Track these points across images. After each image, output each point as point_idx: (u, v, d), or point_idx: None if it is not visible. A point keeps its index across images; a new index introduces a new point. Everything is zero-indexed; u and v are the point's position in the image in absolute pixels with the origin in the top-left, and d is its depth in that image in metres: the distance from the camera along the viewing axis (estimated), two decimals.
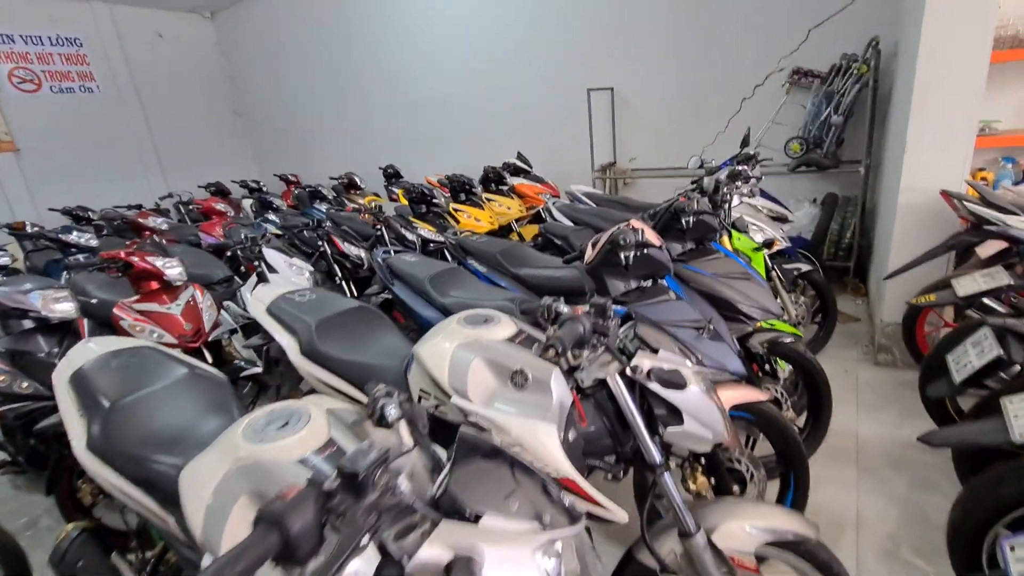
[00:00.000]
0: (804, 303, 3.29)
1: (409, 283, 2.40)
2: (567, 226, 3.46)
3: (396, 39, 7.00)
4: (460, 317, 1.48)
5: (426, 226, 4.12)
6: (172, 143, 8.54)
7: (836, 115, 4.01)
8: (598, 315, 1.14)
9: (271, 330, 1.85)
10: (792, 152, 4.24)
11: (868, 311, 3.91)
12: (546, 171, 5.94)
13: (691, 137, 5.24)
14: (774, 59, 4.63)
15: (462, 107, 6.76)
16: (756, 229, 3.03)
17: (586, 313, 1.10)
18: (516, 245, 2.84)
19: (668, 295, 1.77)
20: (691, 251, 2.20)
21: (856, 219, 4.09)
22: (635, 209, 4.01)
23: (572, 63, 5.72)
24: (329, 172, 7.35)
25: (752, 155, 3.38)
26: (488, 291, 2.32)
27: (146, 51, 8.13)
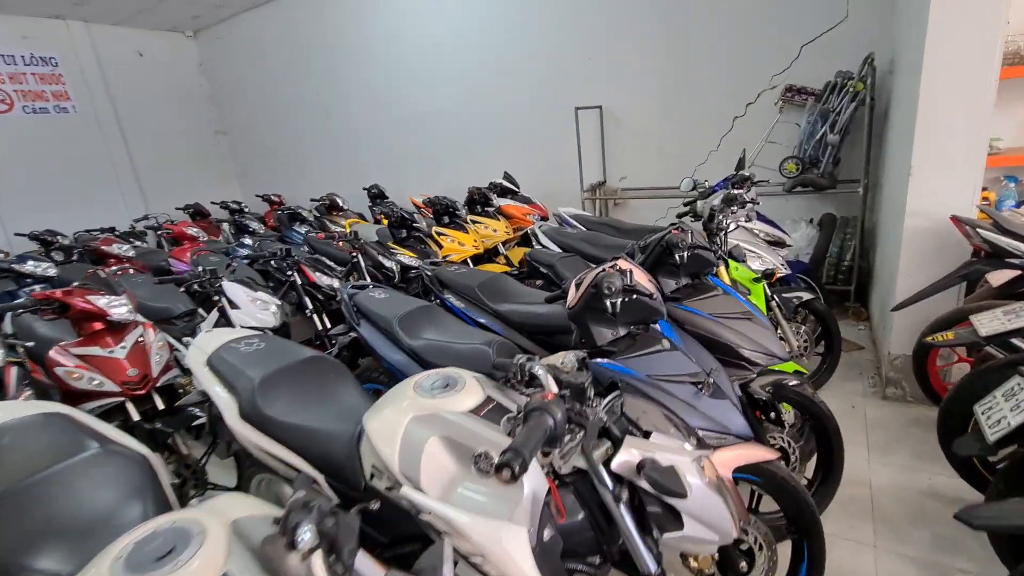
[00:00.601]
0: (805, 333, 3.09)
1: (377, 323, 2.18)
2: (553, 252, 3.26)
3: (381, 57, 6.85)
4: (417, 381, 1.26)
5: (406, 252, 3.91)
6: (152, 164, 8.30)
7: (832, 134, 3.86)
8: (575, 397, 0.92)
9: (208, 387, 1.62)
10: (787, 172, 4.08)
11: (871, 337, 3.72)
12: (534, 191, 5.76)
13: (682, 156, 5.09)
14: (766, 77, 4.50)
15: (448, 126, 6.60)
16: (754, 256, 2.84)
17: (559, 397, 0.88)
18: (496, 277, 2.63)
19: (662, 344, 1.55)
20: (686, 287, 2.00)
21: (856, 241, 3.92)
22: (626, 232, 3.82)
23: (560, 81, 5.58)
24: (315, 192, 7.14)
25: (747, 176, 3.21)
26: (462, 332, 2.10)
27: (125, 70, 7.93)
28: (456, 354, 1.94)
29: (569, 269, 3.07)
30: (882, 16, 3.95)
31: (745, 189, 3.27)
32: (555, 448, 0.85)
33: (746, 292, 2.54)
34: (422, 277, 4.03)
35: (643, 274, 1.55)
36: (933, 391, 2.67)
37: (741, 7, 4.49)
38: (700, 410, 1.45)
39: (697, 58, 4.80)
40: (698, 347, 1.66)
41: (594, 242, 3.50)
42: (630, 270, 1.48)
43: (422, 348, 2.00)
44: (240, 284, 2.84)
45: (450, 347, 1.97)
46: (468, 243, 4.41)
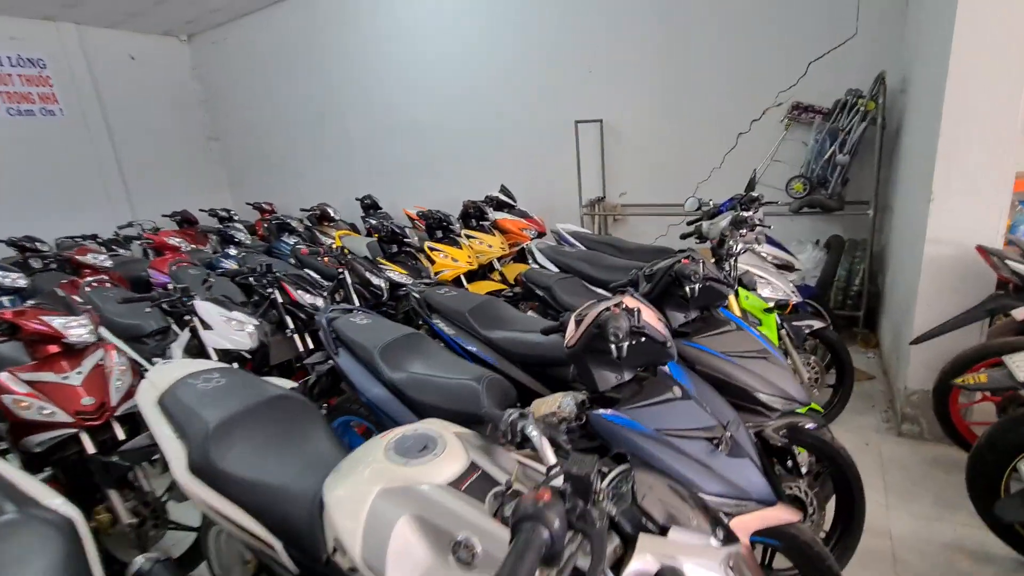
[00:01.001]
0: (816, 363, 2.92)
1: (356, 352, 1.99)
2: (550, 273, 3.08)
3: (377, 66, 6.72)
4: (389, 441, 1.07)
5: (396, 268, 3.74)
6: (141, 169, 8.11)
7: (842, 153, 3.72)
8: (577, 492, 0.73)
9: (155, 432, 1.43)
10: (794, 192, 3.94)
11: (882, 366, 3.55)
12: (532, 205, 5.61)
13: (684, 172, 4.95)
14: (771, 93, 4.37)
15: (445, 136, 6.45)
16: (764, 283, 2.67)
17: (556, 495, 0.69)
18: (489, 301, 2.45)
19: (672, 391, 1.37)
20: (695, 321, 1.82)
21: (865, 264, 3.77)
22: (627, 252, 3.66)
23: (560, 93, 5.45)
24: (308, 200, 6.97)
25: (756, 197, 3.06)
26: (450, 364, 1.91)
27: (116, 74, 7.76)
28: (441, 390, 1.76)
29: (567, 292, 2.90)
30: (893, 33, 3.83)
31: (754, 210, 3.11)
32: (553, 567, 0.67)
33: (757, 323, 2.37)
34: None
35: (652, 313, 1.37)
36: (954, 430, 2.49)
37: (747, 22, 4.38)
38: (716, 471, 1.26)
39: (700, 73, 4.67)
40: (712, 393, 1.48)
41: (594, 262, 3.33)
42: (637, 309, 1.30)
43: (404, 382, 1.81)
44: (214, 303, 2.64)
45: (435, 382, 1.78)
46: (462, 259, 4.23)
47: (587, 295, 2.91)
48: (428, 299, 2.49)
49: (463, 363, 1.92)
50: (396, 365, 1.87)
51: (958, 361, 2.36)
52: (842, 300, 3.89)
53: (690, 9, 4.59)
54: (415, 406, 1.78)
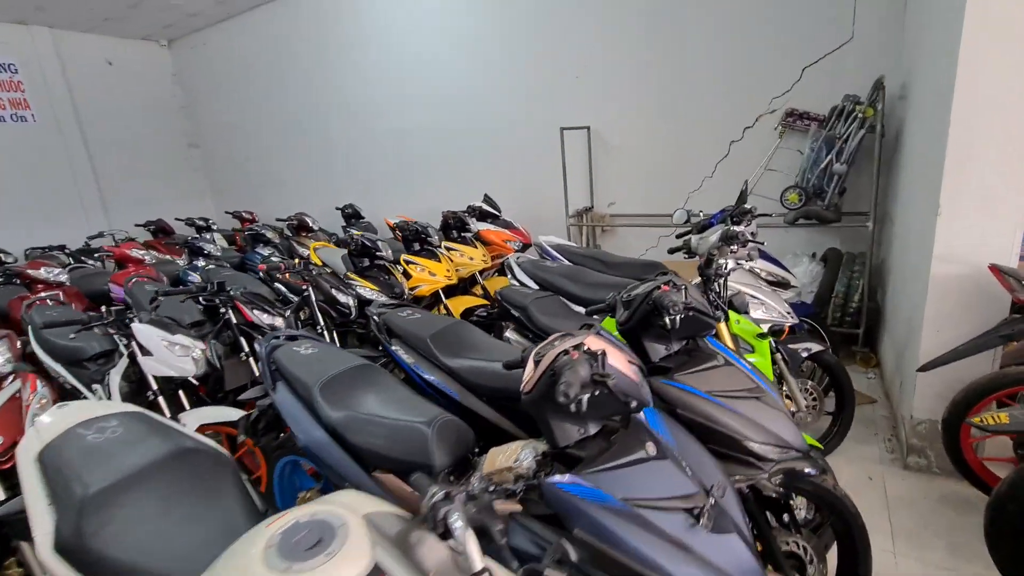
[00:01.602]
0: (813, 389, 2.70)
1: (295, 387, 1.75)
2: (527, 291, 2.86)
3: (360, 71, 6.52)
4: (272, 536, 0.83)
5: (367, 284, 3.51)
6: (118, 177, 7.86)
7: (839, 163, 3.52)
8: None
9: (27, 496, 1.19)
10: (789, 202, 3.74)
11: (884, 388, 3.34)
12: (518, 216, 5.39)
13: (675, 182, 4.75)
14: (765, 100, 4.18)
15: (429, 144, 6.24)
16: (757, 304, 2.46)
17: None
18: (455, 326, 2.22)
19: (644, 448, 1.14)
20: (678, 354, 1.60)
21: (864, 280, 3.56)
22: (614, 267, 3.44)
23: (546, 99, 5.25)
24: (291, 209, 6.74)
25: (748, 210, 2.85)
26: (402, 400, 1.68)
27: (92, 79, 7.53)
28: (385, 434, 1.53)
29: (544, 312, 2.68)
30: (892, 37, 3.65)
31: (745, 224, 2.91)
32: None
33: (749, 350, 2.15)
34: None
35: (621, 356, 1.15)
36: (966, 466, 2.27)
37: (739, 26, 4.20)
38: (696, 551, 1.03)
39: (692, 78, 4.49)
40: (696, 447, 1.25)
41: (576, 278, 3.11)
42: (602, 352, 1.08)
43: (344, 423, 1.58)
44: (156, 325, 2.40)
45: (377, 423, 1.55)
46: (440, 273, 4.00)
47: (566, 315, 2.69)
48: (389, 322, 2.26)
49: (418, 400, 1.69)
50: (337, 402, 1.64)
51: (971, 391, 2.15)
52: (840, 317, 3.68)
53: (682, 13, 4.41)
54: (356, 452, 1.55)
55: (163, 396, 2.41)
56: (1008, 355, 2.38)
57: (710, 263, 2.00)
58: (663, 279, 1.56)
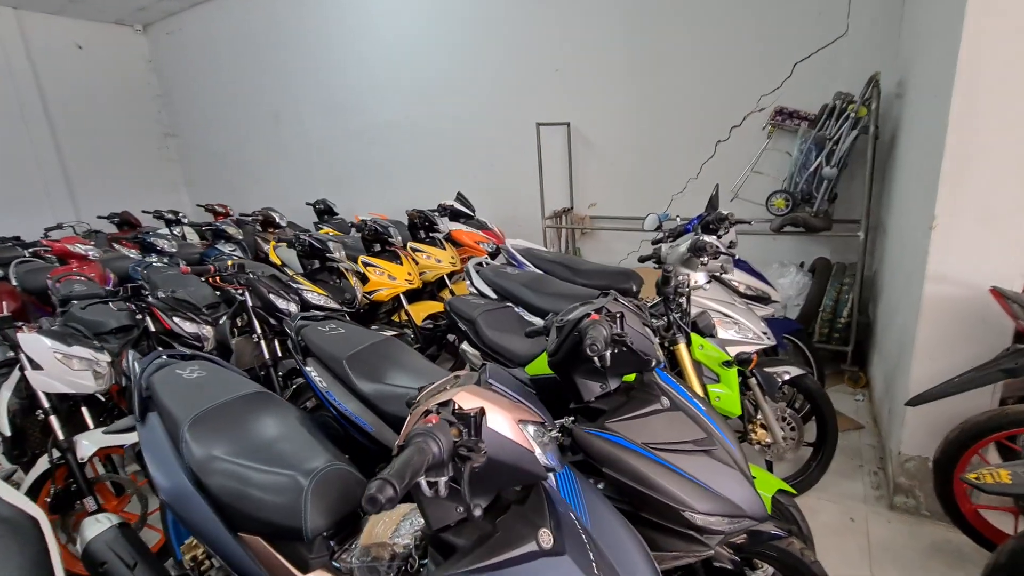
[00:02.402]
0: (791, 418, 2.42)
1: (166, 422, 1.48)
2: (478, 302, 2.58)
3: (335, 61, 6.23)
4: None
5: (315, 288, 3.23)
6: (87, 167, 7.57)
7: (829, 166, 3.25)
8: None
9: None
10: (775, 208, 3.46)
11: (873, 412, 3.08)
12: (494, 216, 5.12)
13: (659, 183, 4.48)
14: (753, 97, 3.91)
15: (405, 139, 5.96)
16: (729, 324, 2.19)
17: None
18: (382, 344, 1.95)
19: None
20: (616, 392, 1.33)
21: (855, 293, 3.30)
22: (583, 274, 3.17)
23: (524, 93, 4.97)
24: (268, 203, 6.45)
25: (724, 216, 2.58)
26: (284, 444, 1.40)
27: (61, 63, 7.23)
28: (253, 486, 1.26)
29: (494, 325, 2.40)
30: (888, 31, 3.38)
31: (722, 231, 2.64)
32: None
33: (714, 379, 1.88)
34: None
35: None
36: (958, 512, 2.01)
37: (728, 19, 3.92)
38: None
39: (677, 73, 4.21)
40: (618, 530, 0.99)
41: (538, 287, 2.84)
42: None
43: (205, 468, 1.30)
44: (50, 335, 2.13)
45: (243, 473, 1.28)
46: (400, 276, 3.73)
47: (518, 329, 2.41)
48: (307, 338, 1.99)
49: (308, 442, 1.41)
50: (205, 441, 1.36)
51: (966, 430, 1.88)
52: (828, 333, 3.41)
53: (667, 4, 4.13)
54: (220, 506, 1.28)
55: (58, 415, 2.13)
56: (1009, 387, 2.12)
57: (668, 280, 1.72)
58: (597, 303, 1.29)
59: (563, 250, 4.93)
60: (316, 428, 1.52)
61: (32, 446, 2.26)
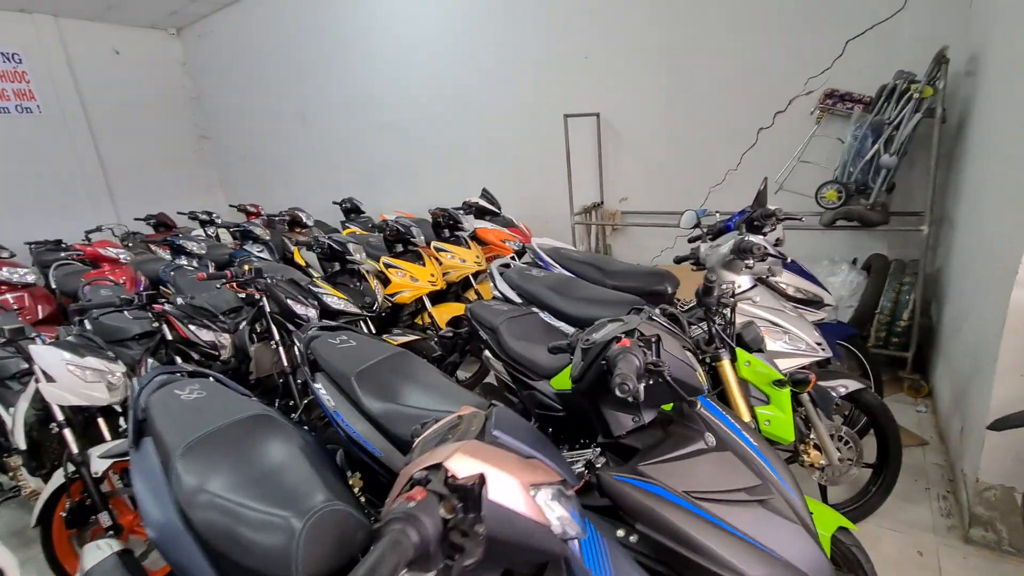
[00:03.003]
0: (848, 437, 2.18)
1: (159, 449, 1.37)
2: (501, 307, 2.43)
3: (362, 59, 6.14)
4: None
5: (334, 292, 3.13)
6: (126, 170, 7.76)
7: (887, 153, 2.94)
8: None
9: None
10: (826, 201, 3.17)
11: (938, 426, 2.78)
12: (522, 213, 4.95)
13: (695, 175, 4.21)
14: (800, 79, 3.60)
15: (431, 137, 5.83)
16: (778, 333, 1.96)
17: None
18: (394, 358, 1.81)
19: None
20: (651, 426, 1.14)
21: (916, 293, 2.99)
22: (614, 275, 2.97)
23: (551, 84, 4.76)
24: (299, 203, 6.47)
25: (771, 212, 2.33)
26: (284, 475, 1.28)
27: (99, 69, 7.41)
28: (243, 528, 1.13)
29: (517, 333, 2.24)
30: (955, 2, 3.03)
31: (768, 228, 2.40)
32: None
33: (763, 400, 1.67)
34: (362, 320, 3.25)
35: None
36: None
37: None
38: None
39: (714, 56, 3.93)
40: None
41: (565, 291, 2.66)
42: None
43: (192, 502, 1.19)
44: (63, 346, 2.09)
45: (234, 511, 1.16)
46: (423, 278, 3.61)
47: (544, 338, 2.24)
48: (316, 351, 1.87)
49: (309, 476, 1.28)
50: (200, 473, 1.25)
51: None
52: (885, 337, 3.12)
53: None
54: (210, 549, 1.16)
55: (72, 427, 2.08)
56: None
57: (710, 290, 1.52)
58: (629, 323, 1.10)
59: (593, 247, 4.72)
60: (320, 455, 1.39)
61: (50, 458, 2.23)
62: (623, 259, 4.82)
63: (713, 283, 1.51)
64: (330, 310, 3.07)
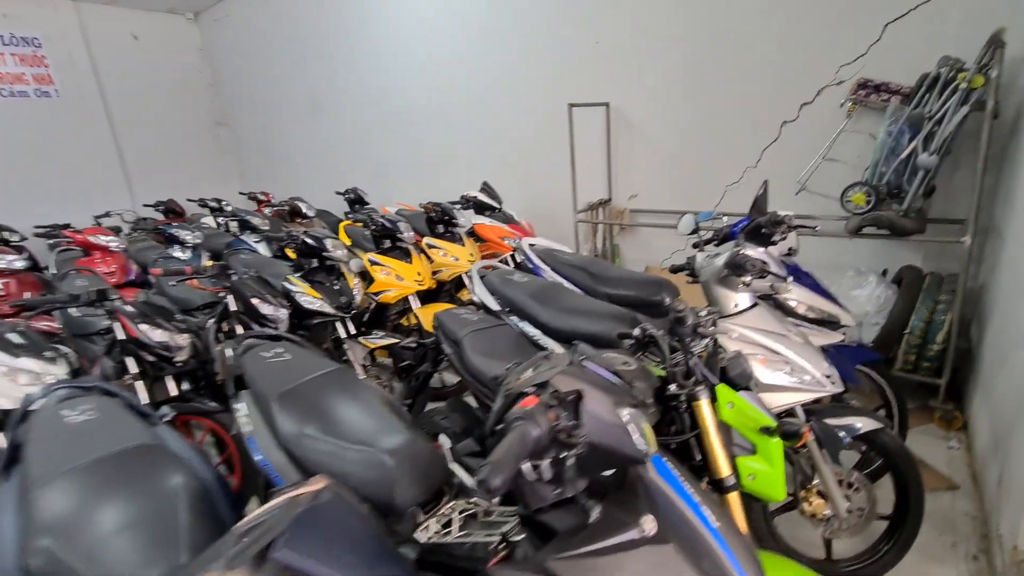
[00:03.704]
0: (860, 484, 1.87)
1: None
2: (471, 318, 2.19)
3: (372, 47, 5.94)
4: None
5: (309, 291, 2.95)
6: (143, 156, 7.77)
7: (926, 152, 2.57)
8: None
9: None
10: (853, 204, 2.82)
11: (972, 468, 2.44)
12: (526, 209, 4.70)
13: (711, 172, 3.88)
14: (831, 67, 3.23)
15: (436, 126, 5.60)
16: (779, 363, 1.67)
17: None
18: (324, 378, 1.59)
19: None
20: (582, 499, 0.90)
21: (954, 313, 2.63)
22: (606, 282, 2.72)
23: (559, 71, 4.46)
24: (310, 191, 6.36)
25: (780, 219, 2.02)
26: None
27: (117, 54, 7.41)
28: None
29: (482, 348, 2.01)
30: None
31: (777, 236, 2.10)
32: None
33: (747, 450, 1.39)
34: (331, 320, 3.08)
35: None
36: None
37: None
38: None
39: (735, 42, 3.57)
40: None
41: (549, 300, 2.40)
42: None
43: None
44: None
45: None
46: (408, 276, 3.40)
47: (512, 354, 2.00)
48: (245, 364, 1.67)
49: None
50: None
51: None
52: (915, 361, 2.76)
53: None
54: None
55: None
56: None
57: (682, 319, 1.25)
58: (544, 371, 0.86)
59: (598, 248, 4.43)
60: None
61: None
62: (631, 260, 4.52)
63: (683, 312, 1.24)
64: (303, 310, 2.90)
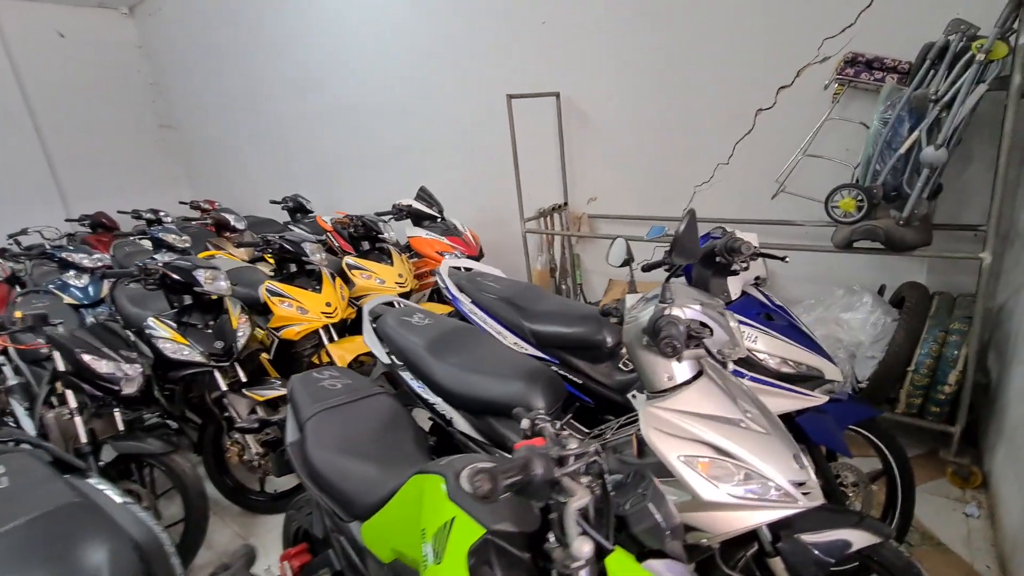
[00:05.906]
0: None
1: None
2: (331, 387, 1.63)
3: (306, 38, 5.33)
4: None
5: (176, 336, 2.39)
6: (78, 163, 7.16)
7: (932, 144, 2.02)
8: None
9: None
10: (840, 212, 2.27)
11: (996, 543, 1.91)
12: (475, 217, 4.14)
13: (679, 170, 3.32)
14: (812, 42, 2.67)
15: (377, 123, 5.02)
16: (729, 469, 1.13)
17: None
18: None
19: None
20: None
21: (970, 347, 2.08)
22: (534, 317, 2.18)
23: (501, 56, 3.87)
24: (257, 197, 5.75)
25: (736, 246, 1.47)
26: None
27: (41, 53, 6.77)
28: None
29: (328, 443, 1.45)
30: None
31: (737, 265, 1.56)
32: None
33: None
34: None
35: None
36: None
37: None
38: None
39: (703, 20, 2.99)
40: None
41: (447, 351, 1.85)
42: None
43: None
44: None
45: None
46: (314, 308, 2.84)
47: (375, 451, 1.45)
48: None
49: None
50: None
51: None
52: (921, 403, 2.23)
53: None
54: None
55: None
56: None
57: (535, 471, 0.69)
58: None
59: (556, 259, 3.86)
60: None
61: None
62: (594, 271, 3.97)
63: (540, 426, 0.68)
64: (169, 362, 2.35)
